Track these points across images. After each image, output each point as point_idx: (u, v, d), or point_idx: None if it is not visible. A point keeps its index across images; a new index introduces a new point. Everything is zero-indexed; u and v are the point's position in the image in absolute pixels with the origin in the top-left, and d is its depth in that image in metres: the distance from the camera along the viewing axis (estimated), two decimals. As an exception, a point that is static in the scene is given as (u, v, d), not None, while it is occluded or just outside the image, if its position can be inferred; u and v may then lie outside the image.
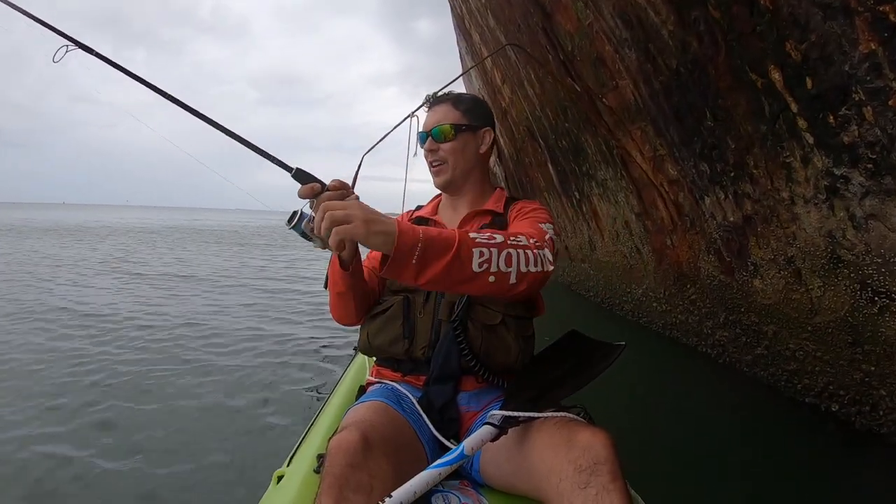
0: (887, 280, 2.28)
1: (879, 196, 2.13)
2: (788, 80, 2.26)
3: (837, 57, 2.00)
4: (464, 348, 1.25)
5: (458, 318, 1.26)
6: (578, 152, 5.11)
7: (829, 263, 2.54)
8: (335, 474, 0.91)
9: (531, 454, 1.02)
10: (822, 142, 2.25)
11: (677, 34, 2.81)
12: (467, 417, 1.26)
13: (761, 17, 2.23)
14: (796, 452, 2.54)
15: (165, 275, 8.66)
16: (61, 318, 5.04)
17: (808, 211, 2.50)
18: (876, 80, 1.92)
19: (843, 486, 2.26)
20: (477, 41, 7.52)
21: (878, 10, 1.80)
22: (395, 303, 1.33)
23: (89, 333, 4.46)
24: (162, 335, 4.45)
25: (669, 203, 3.72)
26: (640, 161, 3.83)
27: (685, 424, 2.85)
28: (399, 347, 1.30)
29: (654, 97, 3.31)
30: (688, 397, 3.27)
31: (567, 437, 0.97)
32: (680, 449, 2.53)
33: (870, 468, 2.38)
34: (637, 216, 4.37)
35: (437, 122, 1.41)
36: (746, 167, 2.76)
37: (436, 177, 1.44)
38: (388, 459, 0.97)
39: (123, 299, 6.23)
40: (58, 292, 6.55)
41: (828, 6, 1.95)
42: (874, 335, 2.44)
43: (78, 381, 3.22)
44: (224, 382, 3.28)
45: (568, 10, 4.02)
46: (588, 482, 0.89)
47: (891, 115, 1.92)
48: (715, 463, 2.40)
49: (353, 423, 1.04)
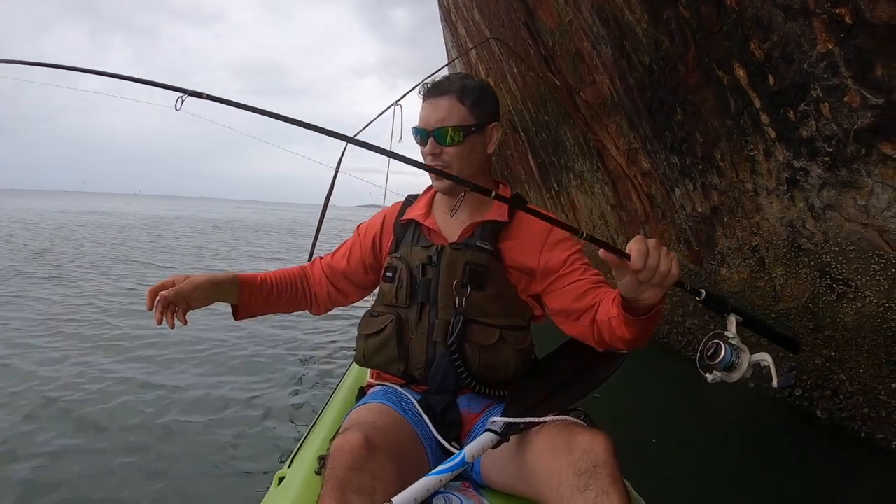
0: (844, 268, 2.36)
1: (836, 187, 2.19)
2: (752, 77, 2.31)
3: (797, 56, 2.06)
4: (462, 371, 1.19)
5: (454, 342, 1.19)
6: (557, 145, 5.16)
7: (791, 252, 2.61)
8: (337, 476, 0.89)
9: (531, 457, 1.01)
10: (783, 136, 2.31)
11: (650, 32, 2.85)
12: (468, 419, 1.22)
13: (728, 17, 2.28)
14: (796, 453, 2.54)
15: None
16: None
17: (771, 202, 2.57)
18: (832, 77, 1.97)
19: (843, 486, 2.26)
20: (463, 34, 7.50)
21: (834, 12, 1.85)
22: (388, 324, 1.25)
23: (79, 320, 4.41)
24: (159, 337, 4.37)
25: (643, 195, 3.78)
26: (616, 154, 3.88)
27: (685, 425, 2.81)
28: (395, 368, 1.25)
29: (628, 92, 3.36)
30: (687, 398, 3.21)
31: (567, 440, 0.95)
32: (681, 450, 2.50)
33: (866, 469, 2.37)
34: (612, 207, 4.43)
35: (440, 122, 1.22)
36: (714, 160, 2.82)
37: (436, 180, 1.29)
38: (390, 461, 0.95)
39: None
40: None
41: (788, 7, 1.99)
42: (833, 321, 2.51)
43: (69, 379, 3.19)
44: (224, 383, 3.22)
45: (549, 7, 4.04)
46: (588, 485, 0.88)
47: (846, 111, 1.98)
48: (716, 464, 2.38)
49: (355, 425, 1.02)
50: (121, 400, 2.87)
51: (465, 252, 1.23)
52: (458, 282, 1.21)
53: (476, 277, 1.21)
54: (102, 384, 3.11)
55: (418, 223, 1.32)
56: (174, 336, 4.30)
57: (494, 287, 1.23)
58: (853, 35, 1.83)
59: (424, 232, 1.31)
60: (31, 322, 4.38)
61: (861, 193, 2.10)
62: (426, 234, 1.31)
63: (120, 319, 4.68)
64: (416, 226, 1.33)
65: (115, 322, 4.72)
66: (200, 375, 3.36)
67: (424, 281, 1.24)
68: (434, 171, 1.22)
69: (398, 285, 1.26)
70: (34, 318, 4.51)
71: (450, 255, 1.23)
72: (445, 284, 1.22)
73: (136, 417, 2.67)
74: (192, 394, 3.03)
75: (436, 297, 1.23)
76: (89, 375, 3.26)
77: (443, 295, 1.22)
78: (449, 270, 1.22)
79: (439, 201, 1.35)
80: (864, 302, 2.33)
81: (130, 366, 3.47)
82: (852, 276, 2.33)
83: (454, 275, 1.21)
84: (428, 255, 1.25)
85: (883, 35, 1.74)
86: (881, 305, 2.26)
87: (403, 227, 1.36)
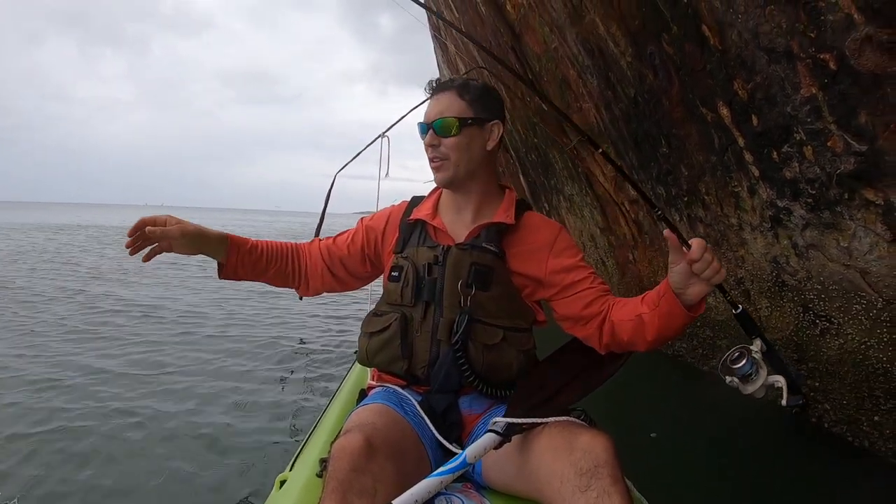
0: (826, 305, 2.32)
1: (819, 228, 2.15)
2: (736, 116, 2.27)
3: (781, 98, 2.02)
4: (465, 369, 1.19)
5: (458, 341, 1.19)
6: (547, 167, 5.13)
7: (775, 286, 2.58)
8: (339, 478, 0.88)
9: (533, 457, 1.00)
10: (766, 175, 2.27)
11: (634, 66, 2.81)
12: (469, 421, 1.23)
13: (711, 55, 2.24)
14: (797, 456, 2.52)
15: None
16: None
17: (755, 237, 2.53)
18: (816, 122, 1.93)
19: (842, 488, 2.25)
20: (452, 51, 7.49)
21: (818, 57, 1.81)
22: (393, 322, 1.25)
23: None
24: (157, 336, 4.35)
25: (630, 221, 3.75)
26: (603, 181, 3.84)
27: (686, 425, 2.80)
28: (398, 366, 1.24)
29: (614, 122, 3.32)
30: (688, 399, 3.20)
31: (568, 441, 0.95)
32: (682, 450, 2.49)
33: (861, 475, 2.33)
34: (601, 231, 4.39)
35: (439, 114, 1.25)
36: (699, 193, 2.78)
37: (436, 173, 1.29)
38: (391, 463, 0.95)
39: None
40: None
41: (772, 50, 1.95)
42: (817, 354, 2.47)
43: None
44: (225, 385, 3.20)
45: (535, 33, 4.02)
46: (589, 485, 0.88)
47: (829, 156, 1.94)
48: (716, 464, 2.37)
49: (356, 427, 1.01)
50: (120, 402, 2.85)
51: (470, 252, 1.24)
52: (464, 281, 1.21)
53: (481, 278, 1.22)
54: (102, 385, 3.10)
55: (424, 224, 1.33)
56: (174, 337, 4.30)
57: (499, 288, 1.23)
58: (837, 81, 1.79)
59: (430, 232, 1.32)
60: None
61: (844, 236, 2.06)
62: (432, 235, 1.31)
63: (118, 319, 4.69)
64: (423, 226, 1.33)
65: (116, 321, 4.74)
66: (201, 379, 3.34)
67: (430, 280, 1.24)
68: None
69: (404, 284, 1.26)
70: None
71: (456, 255, 1.24)
72: (451, 284, 1.22)
73: (137, 420, 2.64)
74: (193, 398, 3.00)
75: (441, 296, 1.23)
76: (89, 376, 3.24)
77: (448, 294, 1.22)
78: (454, 270, 1.22)
79: (445, 202, 1.36)
80: (846, 339, 2.29)
81: (131, 366, 3.46)
82: (835, 313, 2.29)
83: (459, 274, 1.22)
84: (434, 254, 1.25)
85: (868, 83, 1.70)
86: (862, 343, 2.22)
87: (410, 227, 1.35)
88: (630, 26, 2.70)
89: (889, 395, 2.19)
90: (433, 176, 1.30)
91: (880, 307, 2.07)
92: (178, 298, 6.44)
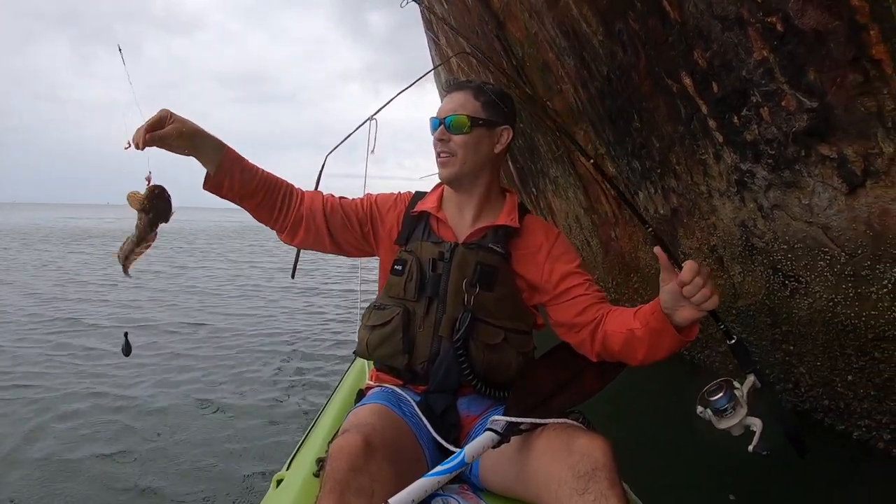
0: (794, 265, 2.35)
1: (781, 188, 2.19)
2: (698, 84, 2.31)
3: (736, 63, 2.06)
4: (465, 368, 1.18)
5: (460, 339, 1.18)
6: (533, 151, 5.16)
7: (745, 251, 2.61)
8: (336, 478, 0.87)
9: (530, 460, 0.99)
10: (729, 140, 2.31)
11: (606, 44, 2.85)
12: (467, 422, 1.22)
13: (672, 28, 2.28)
14: (797, 460, 2.41)
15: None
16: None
17: (724, 203, 2.57)
18: (769, 83, 1.97)
19: (840, 491, 2.21)
20: (444, 44, 7.51)
21: (766, 21, 1.85)
22: (395, 316, 1.23)
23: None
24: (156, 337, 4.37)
25: (611, 198, 3.78)
26: (584, 160, 3.87)
27: (684, 429, 2.64)
28: (398, 360, 1.23)
29: (591, 101, 3.36)
30: (686, 402, 3.07)
31: (566, 443, 0.94)
32: (679, 454, 2.45)
33: (863, 474, 2.28)
34: (585, 211, 4.43)
35: (452, 111, 1.25)
36: (670, 164, 2.82)
37: (441, 168, 1.28)
38: (389, 463, 0.94)
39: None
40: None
41: (725, 18, 1.99)
42: (789, 316, 2.50)
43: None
44: (222, 385, 3.20)
45: (517, 20, 4.05)
46: (586, 488, 0.87)
47: (784, 115, 1.98)
48: (715, 468, 2.31)
49: (354, 427, 1.00)
50: (119, 402, 2.87)
51: (477, 252, 1.24)
52: (469, 280, 1.21)
53: (485, 278, 1.22)
54: (100, 386, 3.13)
55: (428, 217, 1.32)
56: (173, 336, 4.30)
57: (502, 289, 1.23)
58: (785, 42, 1.83)
59: (434, 227, 1.31)
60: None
61: (804, 193, 2.10)
62: (436, 230, 1.31)
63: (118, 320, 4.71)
64: (426, 220, 1.32)
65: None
66: (198, 378, 3.35)
67: (434, 276, 1.23)
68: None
69: (407, 278, 1.25)
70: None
71: (462, 253, 1.24)
72: (455, 282, 1.21)
73: (134, 420, 2.66)
74: (190, 397, 3.02)
75: (444, 292, 1.22)
76: (88, 376, 3.27)
77: (452, 291, 1.21)
78: (460, 268, 1.22)
79: (448, 199, 1.35)
80: (814, 297, 2.33)
81: (130, 367, 3.46)
82: (802, 272, 2.33)
83: (465, 273, 1.22)
84: (440, 251, 1.25)
85: (812, 41, 1.74)
86: (830, 300, 2.25)
87: (414, 221, 1.34)
88: (599, 6, 2.73)
89: (860, 352, 2.22)
90: (438, 171, 1.30)
91: (843, 261, 2.11)
92: (178, 298, 6.50)
